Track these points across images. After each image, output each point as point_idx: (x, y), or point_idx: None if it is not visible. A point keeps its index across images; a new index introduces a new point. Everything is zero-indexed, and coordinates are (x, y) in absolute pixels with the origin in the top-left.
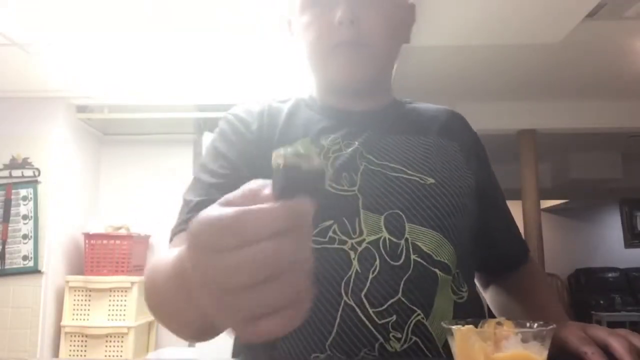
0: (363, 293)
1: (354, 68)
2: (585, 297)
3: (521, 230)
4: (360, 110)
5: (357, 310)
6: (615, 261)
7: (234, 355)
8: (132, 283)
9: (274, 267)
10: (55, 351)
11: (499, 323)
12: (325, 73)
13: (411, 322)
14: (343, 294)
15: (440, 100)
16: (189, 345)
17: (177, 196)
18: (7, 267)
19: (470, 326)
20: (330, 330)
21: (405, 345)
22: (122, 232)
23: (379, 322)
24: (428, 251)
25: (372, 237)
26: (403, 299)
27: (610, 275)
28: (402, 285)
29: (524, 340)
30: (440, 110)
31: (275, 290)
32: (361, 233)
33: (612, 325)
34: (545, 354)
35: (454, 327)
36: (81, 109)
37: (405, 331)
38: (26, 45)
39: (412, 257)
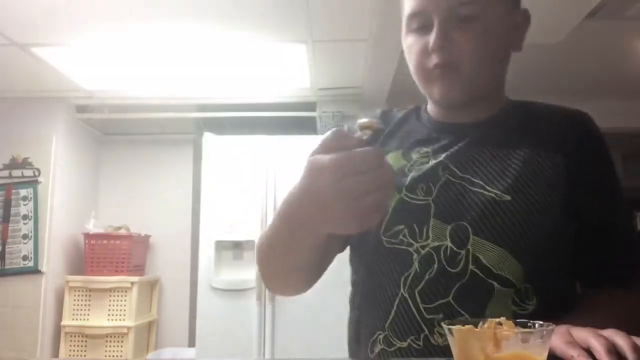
0: (417, 289)
1: (449, 89)
2: None
3: None
4: (462, 122)
5: (410, 302)
6: None
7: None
8: (132, 283)
9: (382, 181)
10: (55, 351)
11: (499, 323)
12: (427, 92)
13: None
14: (401, 287)
15: None
16: (189, 346)
17: (177, 196)
18: (7, 267)
19: (470, 326)
20: (389, 314)
21: (447, 342)
22: (122, 232)
23: (427, 316)
24: (487, 264)
25: (436, 244)
26: (453, 302)
27: None
28: (454, 290)
29: (524, 340)
30: (556, 115)
31: (382, 194)
32: (427, 238)
33: None
34: (545, 354)
35: (454, 327)
36: (81, 109)
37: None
38: (26, 45)
39: (470, 267)
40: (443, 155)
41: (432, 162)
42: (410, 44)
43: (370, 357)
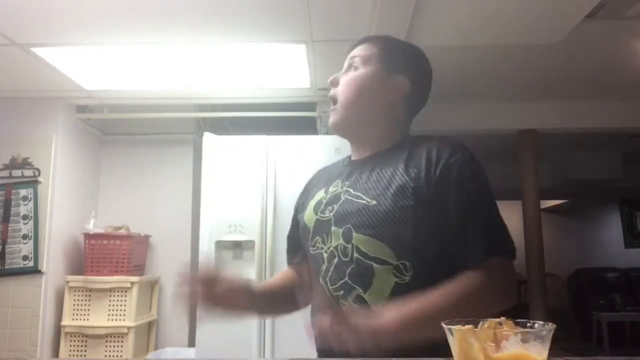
0: (327, 277)
1: (333, 116)
2: (586, 297)
3: (521, 230)
4: (364, 157)
5: (325, 287)
6: (615, 261)
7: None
8: (132, 283)
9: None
10: (55, 351)
11: (499, 323)
12: None
13: (352, 294)
14: (320, 278)
15: (440, 100)
16: (189, 346)
17: (177, 196)
18: (7, 267)
19: (470, 326)
20: (316, 297)
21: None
22: (122, 232)
23: (334, 294)
24: (365, 251)
25: (335, 244)
26: (348, 281)
27: (610, 275)
28: (347, 272)
29: (524, 340)
30: (424, 144)
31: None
32: (330, 241)
33: (612, 325)
34: (545, 354)
35: (454, 327)
36: (81, 109)
37: (348, 300)
38: (26, 45)
39: (355, 255)
40: (347, 183)
41: (340, 189)
42: None
43: (313, 333)
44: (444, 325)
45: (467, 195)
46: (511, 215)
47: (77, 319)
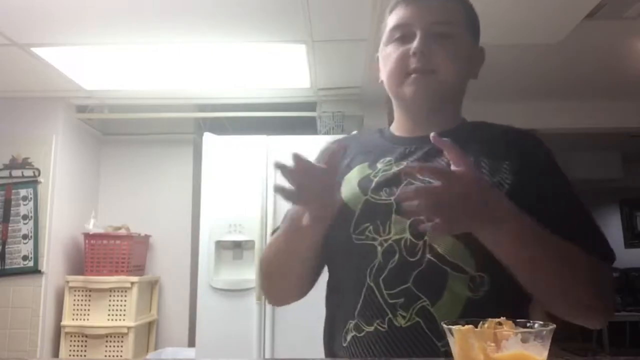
0: (381, 278)
1: (423, 90)
2: None
3: None
4: (419, 135)
5: (375, 290)
6: (615, 261)
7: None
8: (132, 283)
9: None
10: (55, 351)
11: (499, 323)
12: (399, 95)
13: (416, 305)
14: (367, 278)
15: None
16: (189, 346)
17: (177, 196)
18: (7, 267)
19: (470, 326)
20: (357, 303)
21: (409, 323)
22: (122, 232)
23: (390, 301)
24: (442, 253)
25: (396, 237)
26: (412, 287)
27: None
28: (413, 276)
29: (524, 340)
30: (500, 132)
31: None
32: (389, 232)
33: (612, 325)
34: (545, 354)
35: (454, 327)
36: (81, 109)
37: (409, 312)
38: (26, 45)
39: (427, 256)
40: (404, 162)
41: (395, 168)
42: (389, 52)
43: (344, 347)
44: (443, 325)
45: (570, 198)
46: None
47: (77, 319)
